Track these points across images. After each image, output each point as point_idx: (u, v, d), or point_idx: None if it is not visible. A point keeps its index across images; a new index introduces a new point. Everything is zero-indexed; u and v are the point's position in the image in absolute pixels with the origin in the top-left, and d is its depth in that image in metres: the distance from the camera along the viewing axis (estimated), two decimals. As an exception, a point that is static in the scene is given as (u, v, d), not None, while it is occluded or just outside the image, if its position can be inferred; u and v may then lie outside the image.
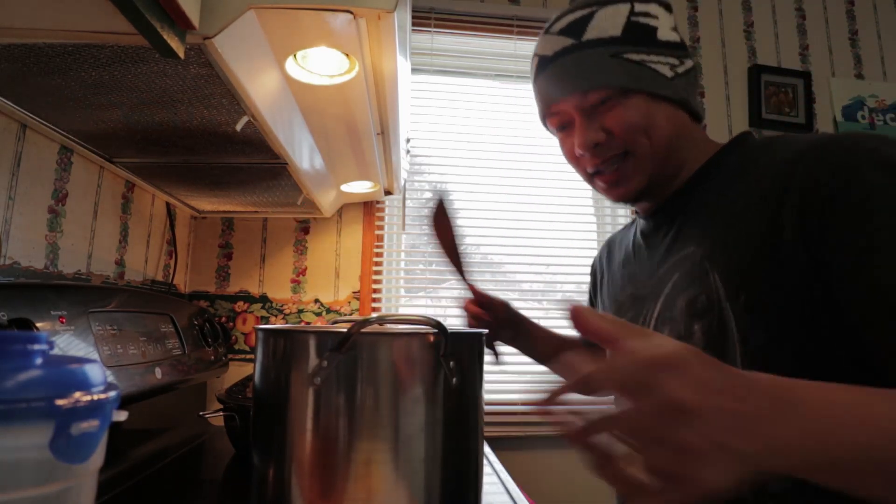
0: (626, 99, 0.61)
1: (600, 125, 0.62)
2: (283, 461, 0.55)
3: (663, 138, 0.62)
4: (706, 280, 0.55)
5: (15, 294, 0.62)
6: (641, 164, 0.63)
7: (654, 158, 0.63)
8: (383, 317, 0.56)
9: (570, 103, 0.64)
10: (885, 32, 1.87)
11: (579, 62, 0.62)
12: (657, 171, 0.64)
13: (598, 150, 0.63)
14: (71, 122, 0.78)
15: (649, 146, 0.62)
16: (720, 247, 0.55)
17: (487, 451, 1.03)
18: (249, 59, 0.62)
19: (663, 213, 0.68)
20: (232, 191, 1.15)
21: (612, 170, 0.64)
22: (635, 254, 0.73)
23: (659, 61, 0.62)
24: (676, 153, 0.64)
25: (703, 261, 0.57)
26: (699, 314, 0.55)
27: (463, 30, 1.62)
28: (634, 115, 0.61)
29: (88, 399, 0.27)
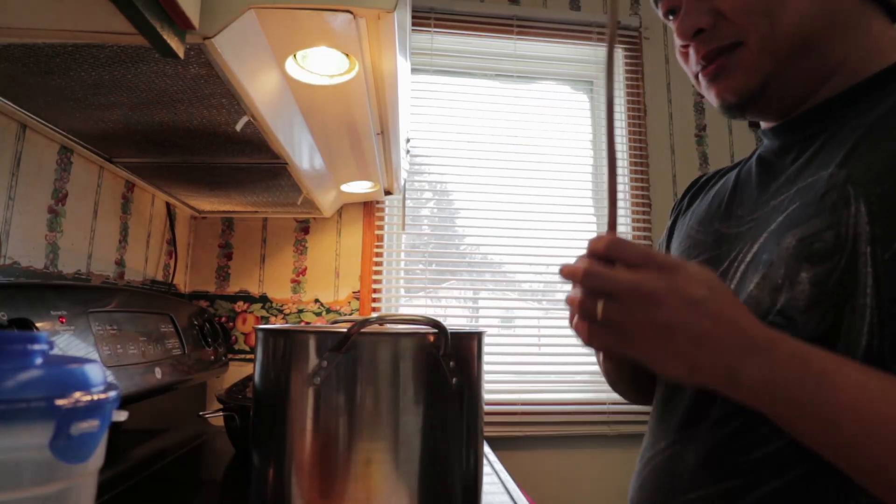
0: None
1: (710, 6, 0.48)
2: (282, 461, 0.55)
3: (794, 26, 0.45)
4: (843, 211, 0.40)
5: (15, 294, 0.62)
6: (752, 58, 0.47)
7: (776, 52, 0.46)
8: (383, 317, 0.56)
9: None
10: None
11: None
12: (779, 71, 0.47)
13: (702, 37, 0.49)
14: (71, 122, 0.78)
15: (770, 34, 0.46)
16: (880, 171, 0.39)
17: (487, 451, 1.03)
18: (249, 59, 0.62)
19: (799, 126, 0.50)
20: (232, 191, 1.15)
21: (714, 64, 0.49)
22: (739, 183, 0.56)
23: None
24: (821, 48, 0.46)
25: (845, 184, 0.41)
26: (814, 257, 0.40)
27: (463, 30, 1.62)
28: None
29: (88, 399, 0.27)
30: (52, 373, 0.28)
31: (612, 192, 0.45)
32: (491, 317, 1.63)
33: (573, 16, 1.67)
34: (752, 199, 0.52)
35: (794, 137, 0.51)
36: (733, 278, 0.48)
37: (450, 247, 1.64)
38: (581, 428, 1.44)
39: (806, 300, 0.40)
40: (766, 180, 0.52)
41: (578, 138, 1.70)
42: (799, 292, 0.41)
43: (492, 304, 1.65)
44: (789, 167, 0.49)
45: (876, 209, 0.38)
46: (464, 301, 1.67)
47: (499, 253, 1.64)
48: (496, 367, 1.51)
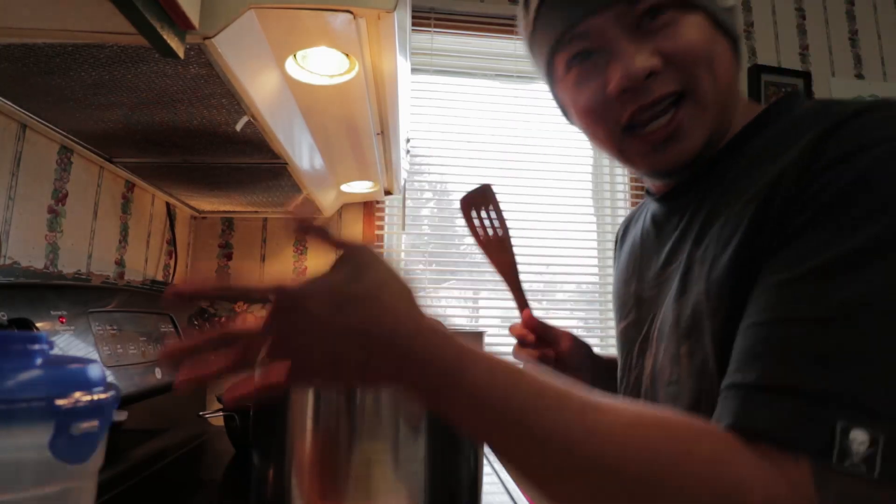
0: (685, 14, 0.44)
1: (654, 48, 0.44)
2: (282, 461, 0.55)
3: (726, 79, 0.45)
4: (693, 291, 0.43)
5: (15, 294, 0.62)
6: (703, 112, 0.45)
7: (717, 105, 0.45)
8: (383, 317, 0.56)
9: (609, 16, 0.45)
10: (885, 32, 1.87)
11: None
12: (717, 124, 0.46)
13: (650, 84, 0.44)
14: (71, 122, 0.78)
15: (713, 85, 0.44)
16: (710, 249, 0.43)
17: (487, 451, 1.03)
18: (249, 59, 0.62)
19: (678, 194, 0.52)
20: (232, 191, 1.15)
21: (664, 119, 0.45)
22: (643, 244, 0.58)
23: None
24: (731, 107, 0.47)
25: (694, 265, 0.44)
26: (684, 334, 0.44)
27: (463, 30, 1.62)
28: (698, 39, 0.44)
29: (88, 399, 0.27)
30: (52, 373, 0.28)
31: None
32: (491, 317, 1.63)
33: (573, 16, 1.67)
34: (653, 263, 0.54)
35: (676, 204, 0.52)
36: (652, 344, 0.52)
37: (450, 247, 1.64)
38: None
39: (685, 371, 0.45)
40: (658, 246, 0.54)
41: (578, 138, 1.70)
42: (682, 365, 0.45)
43: (492, 304, 1.65)
44: (672, 235, 0.51)
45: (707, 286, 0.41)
46: (464, 301, 1.67)
47: (499, 253, 1.64)
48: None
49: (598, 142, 0.51)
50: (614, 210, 1.68)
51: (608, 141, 0.49)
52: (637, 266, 0.58)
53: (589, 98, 0.48)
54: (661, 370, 0.48)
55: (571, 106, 0.51)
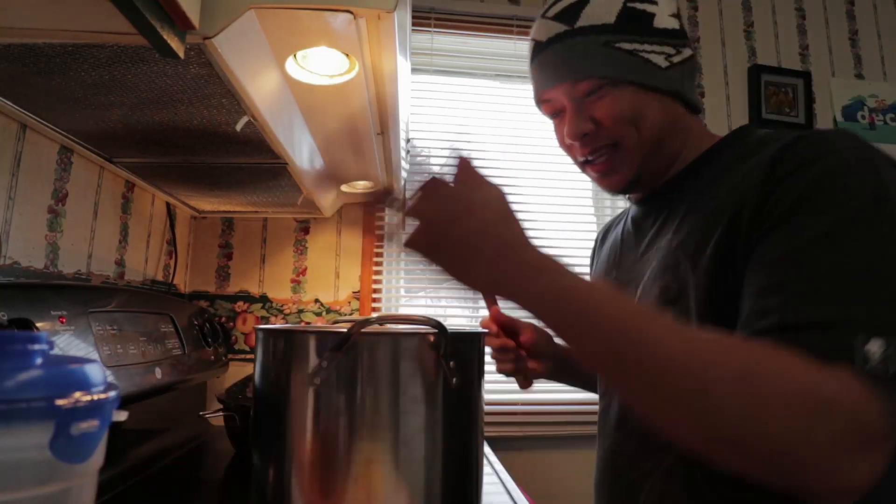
0: (615, 89, 0.60)
1: (589, 115, 0.62)
2: (283, 461, 0.55)
3: (653, 130, 0.61)
4: (677, 269, 0.56)
5: (15, 294, 0.62)
6: (630, 156, 0.62)
7: (644, 150, 0.62)
8: (383, 317, 0.56)
9: (560, 91, 0.64)
10: (885, 32, 1.87)
11: (570, 50, 0.61)
12: (647, 162, 0.63)
13: (587, 139, 0.63)
14: (71, 122, 0.78)
15: (637, 138, 0.61)
16: (693, 237, 0.55)
17: (487, 451, 1.03)
18: (249, 59, 0.62)
19: (653, 201, 0.68)
20: (232, 191, 1.15)
21: (601, 160, 0.64)
22: (623, 240, 0.73)
23: (653, 51, 0.60)
24: (668, 144, 0.63)
25: (676, 249, 0.57)
26: (670, 301, 0.56)
27: (463, 30, 1.62)
28: (623, 107, 0.60)
29: (88, 399, 0.27)
30: (52, 373, 0.28)
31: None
32: (491, 317, 1.63)
33: (573, 16, 1.67)
34: (631, 254, 0.69)
35: (651, 208, 0.68)
36: None
37: (450, 247, 1.64)
38: (581, 428, 1.44)
39: None
40: (637, 241, 0.69)
41: (578, 138, 1.70)
42: None
43: (492, 304, 1.65)
44: (649, 231, 0.66)
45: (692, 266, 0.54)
46: (464, 301, 1.67)
47: (499, 253, 1.64)
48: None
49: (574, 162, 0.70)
50: (614, 210, 1.68)
51: (578, 166, 0.69)
52: (617, 257, 0.73)
53: (559, 139, 0.69)
54: None
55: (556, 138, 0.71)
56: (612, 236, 0.78)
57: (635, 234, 0.70)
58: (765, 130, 0.58)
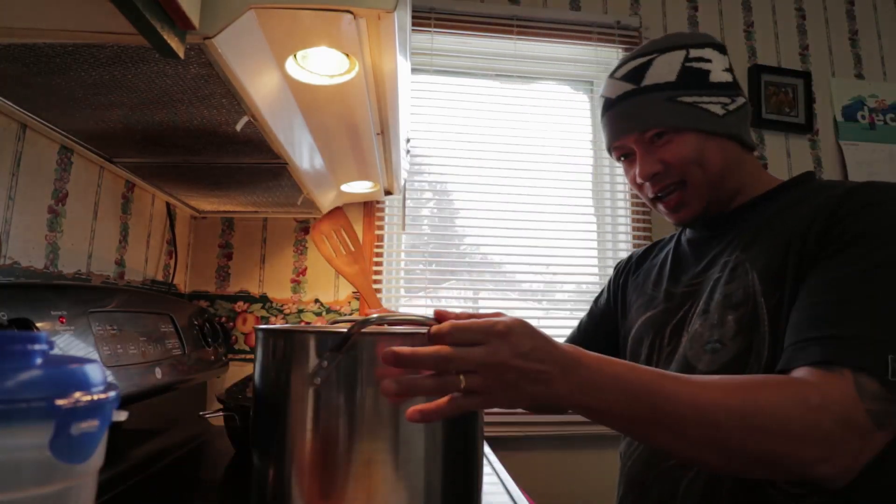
0: (679, 135, 0.69)
1: (658, 158, 0.71)
2: (282, 461, 0.55)
3: (716, 168, 0.69)
4: (745, 277, 0.63)
5: (15, 294, 0.62)
6: (697, 192, 0.71)
7: (709, 186, 0.70)
8: (383, 317, 0.56)
9: (630, 140, 0.73)
10: (885, 32, 1.87)
11: (639, 105, 0.71)
12: (713, 196, 0.71)
13: (657, 178, 0.72)
14: (71, 122, 0.78)
15: (703, 175, 0.69)
16: (761, 254, 0.64)
17: (487, 451, 1.03)
18: (249, 59, 0.62)
19: (717, 226, 0.74)
20: (232, 191, 1.15)
21: (672, 196, 0.72)
22: (678, 258, 0.80)
23: (710, 101, 0.70)
24: (731, 179, 0.71)
25: (744, 262, 0.65)
26: (734, 306, 0.63)
27: (463, 30, 1.62)
28: (686, 150, 0.69)
29: (88, 399, 0.27)
30: (52, 373, 0.28)
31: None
32: (491, 317, 1.63)
33: (573, 16, 1.67)
34: (690, 269, 0.76)
35: (716, 232, 0.75)
36: (686, 322, 0.70)
37: (450, 247, 1.64)
38: (581, 428, 1.44)
39: (732, 332, 0.62)
40: (697, 257, 0.76)
41: (578, 138, 1.70)
42: (728, 328, 0.63)
43: (492, 304, 1.65)
44: (713, 250, 0.73)
45: (761, 276, 0.62)
46: (464, 301, 1.67)
47: (499, 253, 1.64)
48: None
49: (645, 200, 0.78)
50: (614, 210, 1.68)
51: (648, 203, 0.77)
52: (670, 272, 0.79)
53: (631, 179, 0.77)
54: (699, 337, 0.66)
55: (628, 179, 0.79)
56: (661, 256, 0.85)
57: (694, 252, 0.77)
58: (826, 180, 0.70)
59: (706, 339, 0.65)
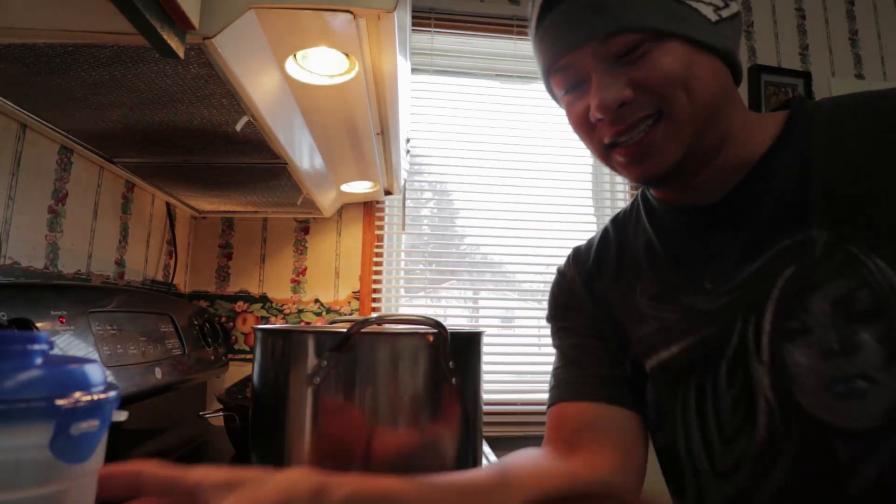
0: (660, 44, 0.47)
1: (627, 79, 0.48)
2: (282, 461, 0.55)
3: (706, 96, 0.48)
4: (859, 269, 0.42)
5: (15, 294, 0.62)
6: (678, 129, 0.48)
7: (694, 123, 0.48)
8: (383, 317, 0.56)
9: (586, 53, 0.49)
10: (885, 32, 1.87)
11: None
12: (696, 140, 0.49)
13: (623, 111, 0.48)
14: (71, 122, 0.78)
15: (688, 105, 0.47)
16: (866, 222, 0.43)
17: (487, 451, 1.03)
18: (249, 59, 0.62)
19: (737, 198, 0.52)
20: (232, 191, 1.15)
21: (639, 137, 0.49)
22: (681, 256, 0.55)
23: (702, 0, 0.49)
24: (719, 120, 0.50)
25: (842, 243, 0.43)
26: (862, 317, 0.41)
27: (463, 30, 1.62)
28: (672, 65, 0.47)
29: (88, 399, 0.27)
30: (52, 373, 0.28)
31: None
32: (491, 317, 1.63)
33: (573, 16, 1.67)
34: (714, 269, 0.51)
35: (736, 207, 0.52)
36: (759, 350, 0.47)
37: (450, 247, 1.64)
38: (581, 428, 1.44)
39: (881, 359, 0.40)
40: (719, 249, 0.52)
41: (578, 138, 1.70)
42: (869, 353, 0.41)
43: (492, 304, 1.65)
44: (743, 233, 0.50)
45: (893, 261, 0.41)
46: (464, 301, 1.67)
47: (499, 253, 1.64)
48: (496, 367, 1.51)
49: (591, 152, 0.56)
50: (614, 210, 1.67)
51: (595, 152, 0.55)
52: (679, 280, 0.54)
53: (577, 117, 0.53)
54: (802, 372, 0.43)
55: (567, 117, 0.56)
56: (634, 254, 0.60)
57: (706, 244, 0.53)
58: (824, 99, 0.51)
59: (832, 375, 0.42)
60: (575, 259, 0.66)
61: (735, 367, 0.48)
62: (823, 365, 0.42)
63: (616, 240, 0.63)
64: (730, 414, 0.49)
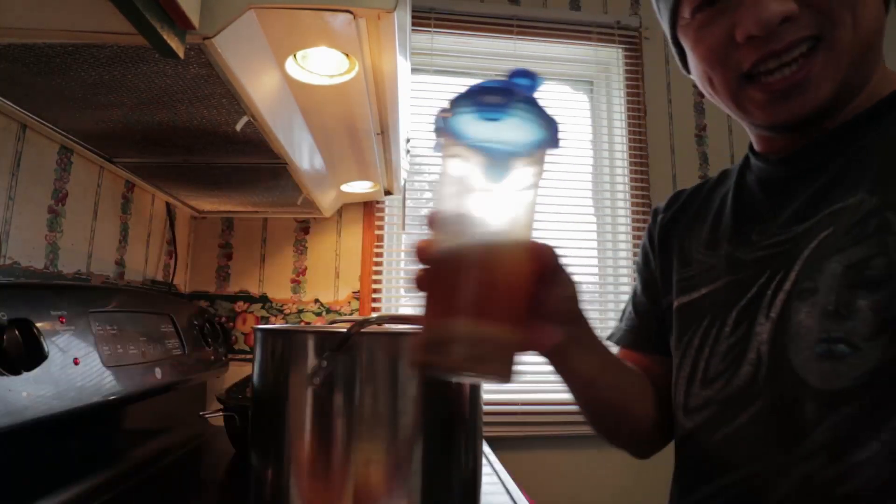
0: None
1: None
2: (281, 462, 0.55)
3: (870, 23, 0.43)
4: (888, 237, 0.39)
5: (15, 294, 0.62)
6: (837, 60, 0.43)
7: (852, 53, 0.43)
8: (383, 317, 0.56)
9: None
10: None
11: None
12: (852, 74, 0.44)
13: (784, 29, 0.42)
14: (71, 122, 0.78)
15: (852, 31, 0.42)
16: None
17: (487, 451, 1.03)
18: (249, 59, 0.62)
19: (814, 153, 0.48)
20: (232, 191, 1.15)
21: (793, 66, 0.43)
22: (743, 206, 0.54)
23: None
24: (872, 57, 0.45)
25: (882, 210, 0.40)
26: (868, 284, 0.39)
27: (463, 30, 1.62)
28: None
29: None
30: None
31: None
32: (491, 317, 1.63)
33: (573, 16, 1.67)
34: (768, 223, 0.50)
35: (808, 163, 0.48)
36: (771, 306, 0.46)
37: (450, 247, 1.64)
38: (581, 428, 1.43)
39: (870, 328, 0.39)
40: (779, 204, 0.49)
41: (578, 138, 1.70)
42: (861, 320, 0.40)
43: (492, 304, 1.65)
44: (805, 192, 0.47)
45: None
46: (464, 301, 1.67)
47: (499, 253, 1.63)
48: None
49: (714, 90, 0.49)
50: (614, 210, 1.68)
51: (724, 88, 0.48)
52: (734, 228, 0.53)
53: (713, 41, 0.46)
54: (802, 332, 0.43)
55: (693, 49, 0.49)
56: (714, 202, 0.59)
57: (770, 197, 0.51)
58: None
59: (819, 336, 0.42)
60: (668, 203, 0.66)
61: (742, 318, 0.48)
62: (818, 325, 0.42)
63: (708, 189, 0.62)
64: (720, 359, 0.49)
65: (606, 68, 1.73)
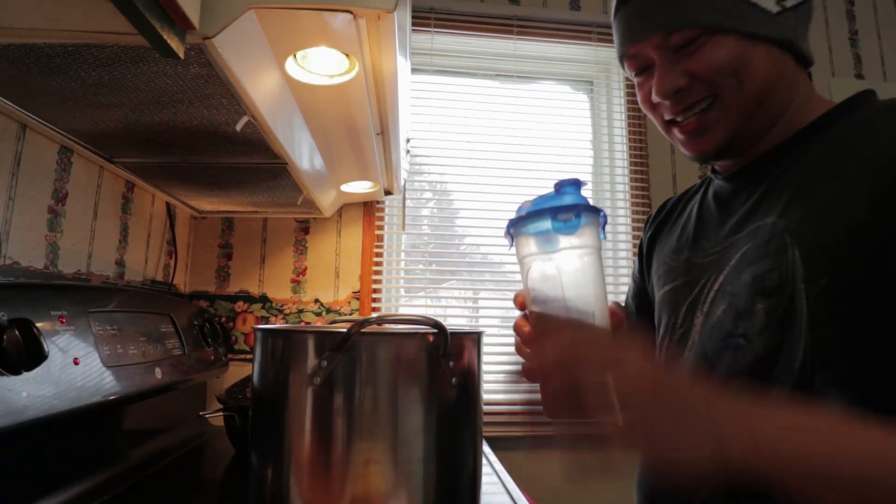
0: (714, 38, 0.53)
1: (683, 69, 0.54)
2: (281, 461, 0.55)
3: (756, 83, 0.53)
4: (782, 255, 0.48)
5: (15, 294, 0.62)
6: (727, 112, 0.54)
7: (743, 106, 0.54)
8: (383, 317, 0.56)
9: (651, 43, 0.56)
10: (885, 32, 1.87)
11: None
12: (745, 121, 0.55)
13: (679, 96, 0.56)
14: (71, 122, 0.78)
15: (738, 91, 0.53)
16: (808, 220, 0.48)
17: (487, 451, 1.03)
18: (249, 59, 0.62)
19: (748, 174, 0.59)
20: (232, 191, 1.15)
21: (693, 118, 0.56)
22: (702, 217, 0.65)
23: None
24: (771, 103, 0.55)
25: (783, 233, 0.49)
26: (766, 292, 0.49)
27: (463, 30, 1.62)
28: (721, 55, 0.52)
29: None
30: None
31: None
32: (491, 317, 1.63)
33: (573, 16, 1.67)
34: (714, 233, 0.61)
35: (745, 181, 0.59)
36: (705, 302, 0.57)
37: (450, 247, 1.64)
38: (581, 428, 1.44)
39: (760, 325, 0.49)
40: (722, 218, 0.60)
41: (578, 138, 1.70)
42: (756, 320, 0.50)
43: (492, 304, 1.65)
44: (740, 209, 0.58)
45: (806, 254, 0.47)
46: (464, 301, 1.67)
47: (499, 253, 1.64)
48: (496, 367, 1.51)
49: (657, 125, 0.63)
50: (614, 210, 1.68)
51: (660, 126, 0.62)
52: (692, 236, 0.64)
53: (643, 96, 0.61)
54: (718, 325, 0.53)
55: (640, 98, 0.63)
56: (686, 211, 0.69)
57: (719, 211, 0.61)
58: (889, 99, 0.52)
59: (729, 330, 0.52)
60: (656, 213, 0.77)
61: (689, 311, 0.59)
62: (730, 322, 0.52)
63: (688, 197, 0.72)
64: (676, 343, 0.60)
65: (606, 68, 1.72)
